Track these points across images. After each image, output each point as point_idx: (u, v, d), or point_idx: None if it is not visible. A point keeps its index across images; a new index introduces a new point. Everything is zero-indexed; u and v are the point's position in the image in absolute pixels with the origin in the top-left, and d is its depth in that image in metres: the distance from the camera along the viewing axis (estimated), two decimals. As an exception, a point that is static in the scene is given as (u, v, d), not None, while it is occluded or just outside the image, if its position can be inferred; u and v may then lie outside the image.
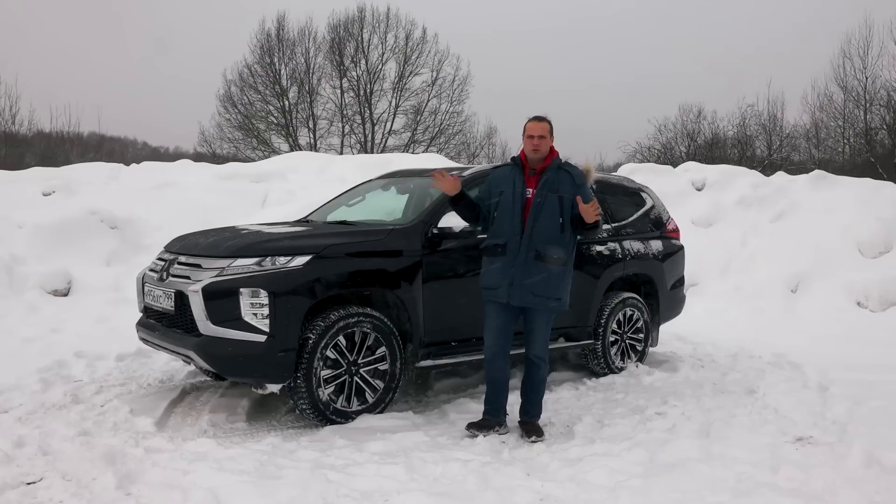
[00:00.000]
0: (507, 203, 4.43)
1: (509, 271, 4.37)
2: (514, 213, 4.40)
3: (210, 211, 11.14)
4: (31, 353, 6.21)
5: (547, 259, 4.36)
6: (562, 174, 4.45)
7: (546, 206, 4.38)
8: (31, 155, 30.25)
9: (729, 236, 11.34)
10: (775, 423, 4.81)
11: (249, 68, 34.09)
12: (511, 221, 4.40)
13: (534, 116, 4.54)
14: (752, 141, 28.86)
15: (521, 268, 4.35)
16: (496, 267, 4.43)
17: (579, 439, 4.44)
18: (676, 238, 7.00)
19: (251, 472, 3.63)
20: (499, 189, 4.51)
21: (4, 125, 30.02)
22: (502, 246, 4.42)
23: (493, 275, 4.44)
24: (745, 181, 12.51)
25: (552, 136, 4.53)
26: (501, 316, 4.47)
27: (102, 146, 40.11)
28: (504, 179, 4.53)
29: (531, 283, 4.35)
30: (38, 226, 9.59)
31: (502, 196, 4.47)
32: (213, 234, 5.10)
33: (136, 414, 4.68)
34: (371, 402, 4.75)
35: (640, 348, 6.50)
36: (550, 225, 4.37)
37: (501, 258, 4.41)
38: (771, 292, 9.92)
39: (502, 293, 4.40)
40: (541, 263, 4.35)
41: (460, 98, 34.38)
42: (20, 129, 30.60)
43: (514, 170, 4.52)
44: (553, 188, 4.40)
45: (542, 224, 4.36)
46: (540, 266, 4.35)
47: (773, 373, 6.35)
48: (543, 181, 4.42)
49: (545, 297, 4.39)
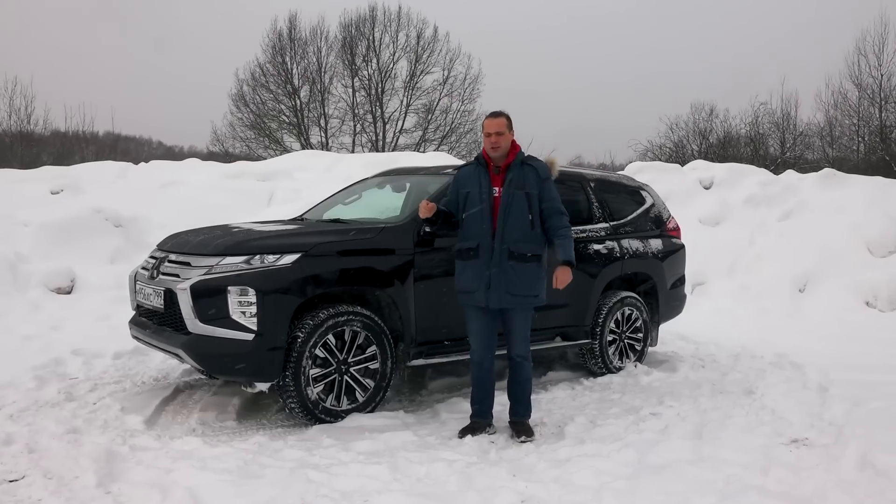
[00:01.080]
0: (475, 204, 4.37)
1: (485, 274, 4.32)
2: (482, 214, 4.34)
3: (215, 209, 11.17)
4: (29, 351, 6.23)
5: (521, 258, 4.31)
6: (526, 170, 4.39)
7: (515, 204, 4.32)
8: (48, 154, 30.54)
9: (736, 235, 11.23)
10: (771, 425, 4.73)
11: (261, 68, 34.25)
12: (481, 222, 4.34)
13: (490, 112, 4.50)
14: (765, 139, 28.62)
15: (497, 269, 4.30)
16: (470, 270, 4.38)
17: (569, 440, 4.39)
18: (677, 237, 6.92)
19: (233, 471, 3.61)
20: (465, 190, 4.44)
21: (20, 124, 30.37)
22: (474, 249, 4.36)
23: (469, 278, 4.39)
24: (754, 179, 12.38)
25: (511, 130, 4.46)
26: (482, 318, 4.43)
27: (118, 145, 40.41)
28: (469, 179, 4.47)
29: (508, 284, 4.30)
30: (43, 224, 9.65)
31: (469, 197, 4.41)
32: (204, 232, 5.09)
33: (127, 412, 4.68)
34: (361, 402, 4.72)
35: (639, 348, 6.43)
36: (521, 223, 4.32)
37: (475, 261, 4.35)
38: (778, 292, 9.81)
39: (480, 297, 4.35)
40: (515, 263, 4.30)
41: (471, 97, 34.39)
42: (35, 128, 30.92)
43: (479, 168, 4.45)
44: (520, 185, 4.34)
45: (512, 223, 4.31)
46: (515, 266, 4.30)
47: (773, 373, 6.26)
48: (509, 179, 4.36)
49: (523, 296, 4.34)
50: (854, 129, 27.57)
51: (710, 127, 30.20)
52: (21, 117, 29.98)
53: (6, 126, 30.16)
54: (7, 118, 29.75)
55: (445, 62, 34.46)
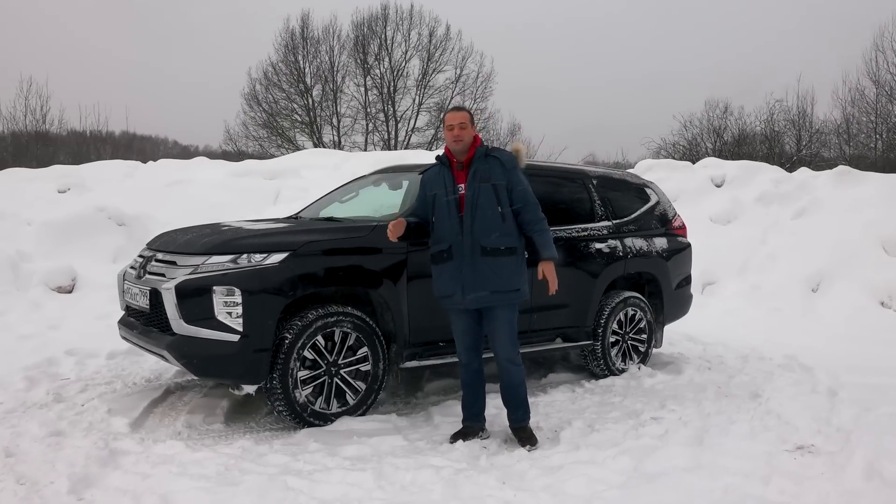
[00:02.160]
0: (442, 205, 4.24)
1: (459, 276, 4.17)
2: (450, 214, 4.20)
3: (220, 208, 11.12)
4: (23, 351, 6.18)
5: (494, 252, 4.15)
6: (491, 161, 4.23)
7: (481, 199, 4.16)
8: (65, 154, 30.75)
9: (748, 234, 11.00)
10: (776, 430, 4.56)
11: (274, 67, 34.27)
12: (450, 223, 4.20)
13: (451, 107, 4.38)
14: (780, 137, 28.21)
15: (470, 269, 4.15)
16: (446, 273, 4.23)
17: (564, 445, 4.24)
18: (683, 235, 6.74)
19: (212, 477, 3.50)
20: (432, 192, 4.31)
21: (36, 124, 30.58)
22: (447, 251, 4.21)
23: (444, 282, 4.25)
24: (767, 177, 12.13)
25: (473, 124, 4.34)
26: (465, 321, 4.29)
27: (133, 145, 40.68)
28: (434, 181, 4.33)
29: (484, 281, 4.14)
30: (46, 223, 9.62)
31: (436, 199, 4.27)
32: (193, 230, 4.99)
33: (113, 414, 4.59)
34: (352, 405, 4.60)
35: (643, 349, 6.27)
36: (490, 216, 4.15)
37: (449, 263, 4.21)
38: (790, 292, 9.59)
39: (458, 299, 4.20)
40: (490, 258, 4.14)
41: (484, 95, 34.27)
42: (50, 128, 31.12)
43: (442, 168, 4.31)
44: (484, 177, 4.18)
45: (481, 217, 4.15)
46: (490, 262, 4.14)
47: (782, 376, 6.07)
48: (472, 172, 4.20)
49: (503, 292, 4.17)
50: (872, 126, 27.13)
51: (725, 124, 29.85)
52: (37, 117, 30.23)
53: (21, 126, 30.43)
54: (23, 118, 29.99)
55: (458, 60, 34.37)
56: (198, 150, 40.76)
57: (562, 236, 5.63)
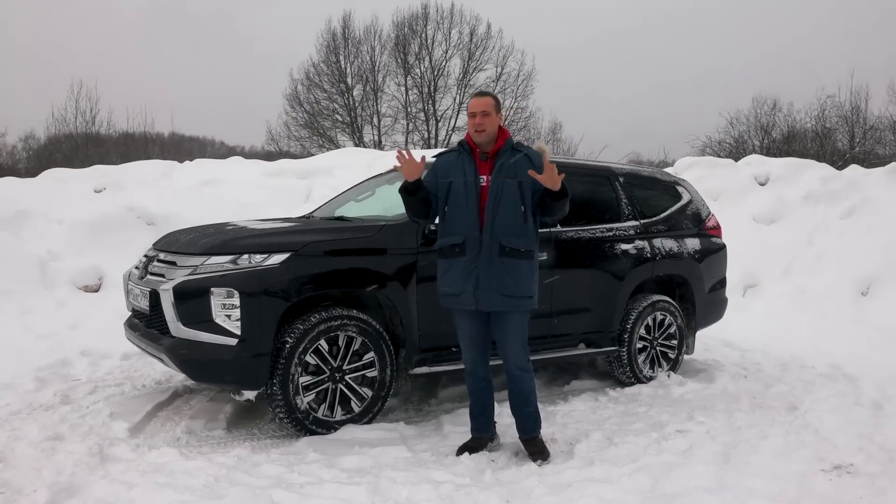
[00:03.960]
0: (459, 194, 3.88)
1: (472, 273, 3.85)
2: (468, 206, 3.86)
3: (250, 207, 11.07)
4: (39, 350, 6.14)
5: (513, 253, 3.83)
6: (518, 156, 3.90)
7: (505, 194, 3.83)
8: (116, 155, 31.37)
9: (793, 234, 10.51)
10: (812, 447, 4.20)
11: (315, 67, 34.44)
12: (467, 215, 3.86)
13: (476, 92, 4.03)
14: (832, 134, 27.18)
15: (486, 268, 3.82)
16: (456, 270, 3.90)
17: (578, 460, 3.96)
18: (717, 236, 6.38)
19: (197, 489, 3.32)
20: (446, 179, 3.94)
21: (86, 126, 31.30)
22: (460, 245, 3.88)
23: (454, 279, 3.92)
24: (814, 175, 11.58)
25: (499, 113, 3.99)
26: (472, 324, 3.97)
27: (182, 146, 41.34)
28: (451, 167, 3.96)
29: (499, 284, 3.83)
30: (77, 222, 9.66)
31: (452, 187, 3.91)
32: (197, 230, 4.85)
33: (115, 417, 4.47)
34: (357, 412, 4.39)
35: (673, 356, 5.93)
36: (512, 214, 3.83)
37: (461, 259, 3.88)
38: (838, 295, 9.08)
39: (467, 299, 3.87)
40: (507, 259, 3.83)
41: (525, 93, 33.82)
42: (99, 129, 31.81)
43: (462, 156, 3.95)
44: (510, 173, 3.85)
45: (503, 214, 3.83)
46: (507, 263, 3.83)
47: (823, 386, 5.68)
48: (499, 166, 3.87)
49: (516, 297, 3.86)
50: (930, 121, 25.97)
51: (773, 121, 28.94)
52: (86, 119, 30.92)
53: (72, 128, 31.17)
54: (73, 120, 30.71)
55: (498, 59, 33.99)
56: (243, 151, 41.25)
57: (584, 236, 5.34)
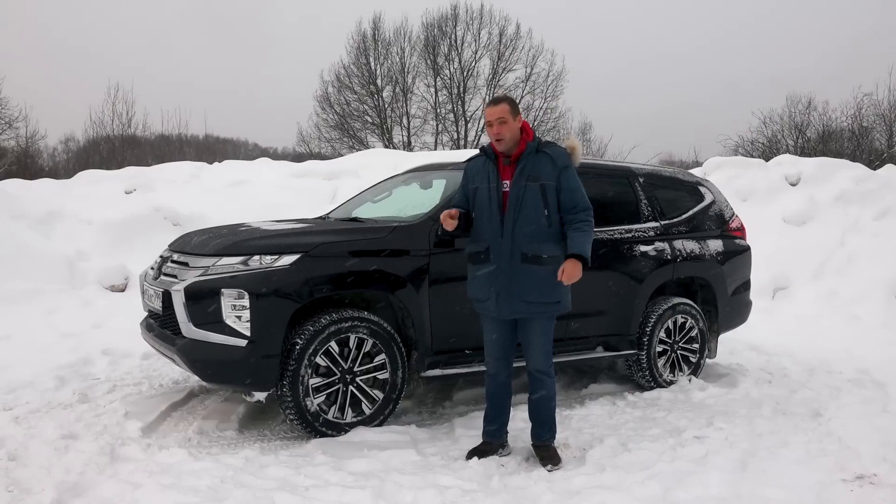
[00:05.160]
0: (483, 201, 3.88)
1: (495, 281, 3.83)
2: (491, 212, 3.83)
3: (275, 207, 11.15)
4: (62, 349, 6.22)
5: (536, 260, 3.78)
6: (541, 158, 3.82)
7: (527, 199, 3.77)
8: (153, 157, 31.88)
9: (825, 235, 10.25)
10: (834, 456, 4.08)
11: (346, 69, 34.62)
12: (490, 222, 3.84)
13: (491, 99, 3.96)
14: (868, 133, 26.51)
15: (507, 275, 3.79)
16: (481, 276, 3.90)
17: (590, 466, 3.88)
18: (741, 237, 6.23)
19: (201, 491, 3.32)
20: (473, 185, 3.96)
21: (122, 128, 31.87)
22: (484, 252, 3.87)
23: (479, 285, 3.92)
24: (847, 175, 11.28)
25: (516, 116, 3.88)
26: (497, 328, 3.95)
27: (215, 147, 41.83)
28: (478, 173, 3.96)
29: (521, 291, 3.78)
30: (106, 222, 9.82)
31: (478, 193, 3.92)
32: (211, 231, 4.86)
33: (129, 417, 4.50)
34: (368, 414, 4.37)
35: (695, 360, 5.81)
36: (534, 220, 3.77)
37: (486, 266, 3.87)
38: (871, 298, 8.84)
39: (490, 306, 3.87)
40: (530, 266, 3.78)
41: (554, 93, 33.66)
42: (135, 131, 32.35)
43: (487, 161, 3.94)
44: (533, 176, 3.79)
45: (524, 220, 3.77)
46: (529, 270, 3.78)
47: (850, 392, 5.52)
48: (520, 169, 3.81)
49: (542, 304, 3.82)
50: (973, 120, 25.21)
51: (808, 121, 28.31)
52: (123, 121, 31.48)
53: (109, 130, 31.74)
54: (110, 122, 31.29)
55: (528, 59, 33.89)
56: (275, 152, 41.63)
57: (602, 238, 5.25)
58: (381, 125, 34.56)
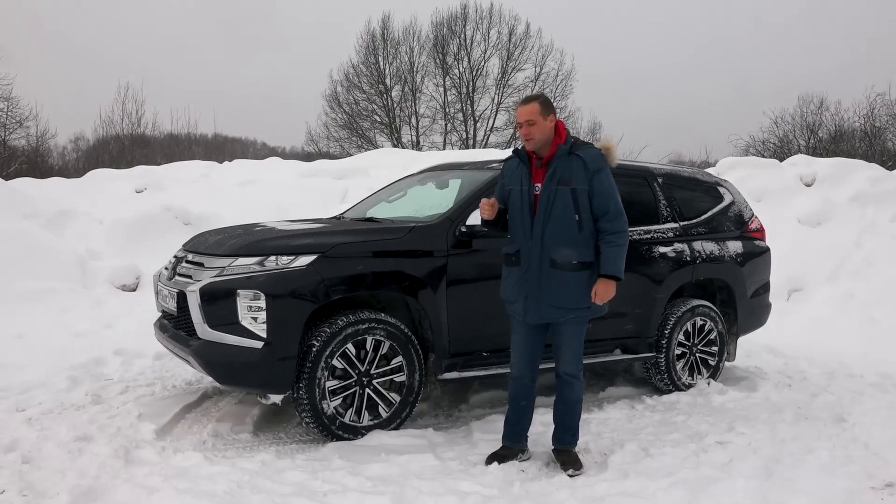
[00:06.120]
0: (516, 203, 3.84)
1: (524, 284, 3.79)
2: (523, 215, 3.79)
3: (285, 207, 11.12)
4: (75, 349, 6.18)
5: (566, 266, 3.71)
6: (573, 160, 3.73)
7: (557, 203, 3.70)
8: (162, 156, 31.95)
9: (841, 237, 10.13)
10: (861, 463, 3.99)
11: (355, 68, 34.67)
12: (522, 225, 3.80)
13: (523, 98, 3.90)
14: (882, 133, 26.31)
15: (536, 281, 3.75)
16: (512, 278, 3.87)
17: (612, 472, 3.81)
18: (761, 239, 6.14)
19: (218, 496, 3.26)
20: (508, 187, 3.92)
21: (132, 128, 31.94)
22: (515, 255, 3.84)
23: (509, 288, 3.90)
24: (863, 175, 11.16)
25: (547, 116, 3.77)
26: (525, 331, 3.89)
27: (224, 146, 41.89)
28: (513, 174, 3.91)
29: (550, 296, 3.73)
30: (117, 221, 9.81)
31: (511, 195, 3.88)
32: (226, 231, 4.81)
33: (143, 419, 4.45)
34: (385, 417, 4.31)
35: (714, 363, 5.73)
36: (564, 225, 3.70)
37: (516, 268, 3.84)
38: (889, 300, 8.71)
39: (518, 309, 3.83)
40: (559, 272, 3.71)
41: (564, 93, 33.58)
42: (145, 130, 32.43)
43: (521, 163, 3.88)
44: (564, 179, 3.70)
45: (554, 225, 3.70)
46: (559, 276, 3.71)
47: (873, 397, 5.43)
48: (551, 172, 3.74)
49: (570, 309, 3.75)
50: None
51: (820, 121, 28.12)
52: (132, 121, 31.55)
53: (119, 129, 31.82)
54: (120, 121, 31.36)
55: (537, 59, 33.85)
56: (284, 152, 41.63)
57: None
58: (389, 124, 34.56)
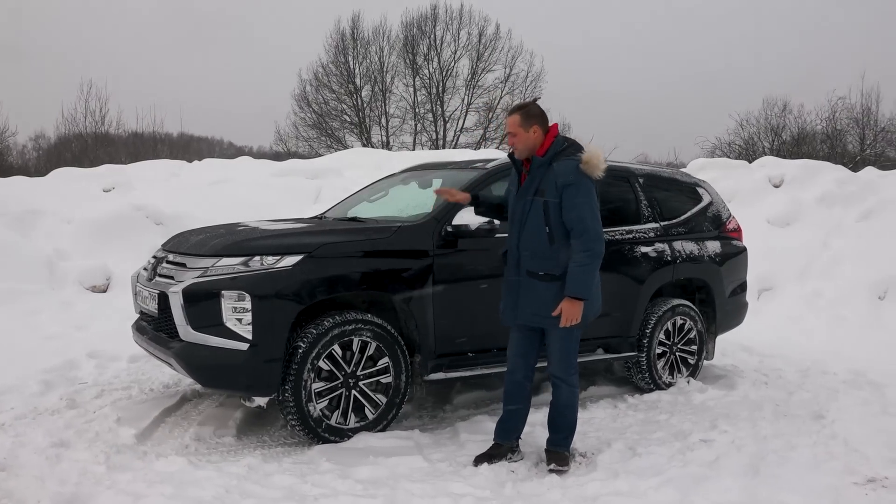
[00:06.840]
0: (509, 207, 3.93)
1: (507, 285, 3.90)
2: (512, 220, 3.87)
3: (259, 207, 10.96)
4: (46, 352, 6.01)
5: (534, 275, 3.73)
6: (549, 171, 3.70)
7: (531, 214, 3.72)
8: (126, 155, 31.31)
9: (809, 237, 10.32)
10: (843, 459, 4.06)
11: (324, 68, 34.42)
12: (510, 228, 3.89)
13: (511, 107, 3.92)
14: (842, 136, 26.92)
15: (515, 284, 3.83)
16: (503, 281, 3.97)
17: (602, 472, 3.82)
18: (738, 239, 6.22)
19: (207, 501, 3.19)
20: (508, 189, 4.01)
21: (95, 126, 31.27)
22: (504, 255, 3.95)
23: (502, 288, 3.97)
24: (829, 177, 11.39)
25: (529, 127, 3.72)
26: (519, 333, 3.93)
27: (190, 146, 41.28)
28: (511, 178, 3.99)
29: (525, 302, 3.77)
30: (85, 221, 9.58)
31: (509, 197, 3.95)
32: (207, 230, 4.72)
33: (122, 423, 4.34)
34: (371, 419, 4.26)
35: (693, 362, 5.79)
36: (537, 236, 3.71)
37: (506, 269, 3.94)
38: (856, 299, 8.90)
39: (502, 307, 3.94)
40: (532, 280, 3.75)
41: (533, 94, 33.64)
42: (109, 129, 31.78)
43: (514, 169, 3.94)
44: (540, 191, 3.70)
45: (528, 235, 3.74)
46: (531, 283, 3.75)
47: (848, 394, 5.53)
48: (528, 182, 3.77)
49: (544, 317, 3.73)
50: (942, 124, 25.70)
51: (784, 123, 28.68)
52: (96, 119, 30.89)
53: (81, 127, 31.15)
54: (83, 119, 30.68)
55: (507, 60, 33.98)
56: (251, 151, 41.16)
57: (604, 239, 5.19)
58: (359, 124, 34.39)
